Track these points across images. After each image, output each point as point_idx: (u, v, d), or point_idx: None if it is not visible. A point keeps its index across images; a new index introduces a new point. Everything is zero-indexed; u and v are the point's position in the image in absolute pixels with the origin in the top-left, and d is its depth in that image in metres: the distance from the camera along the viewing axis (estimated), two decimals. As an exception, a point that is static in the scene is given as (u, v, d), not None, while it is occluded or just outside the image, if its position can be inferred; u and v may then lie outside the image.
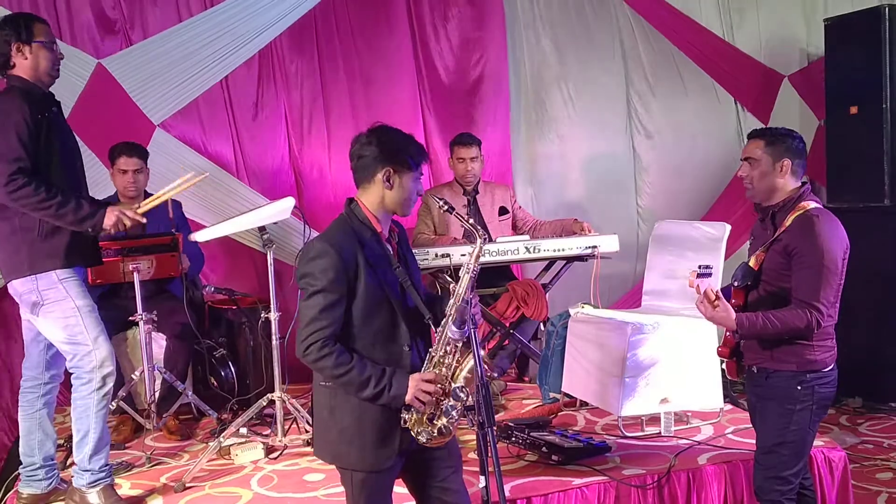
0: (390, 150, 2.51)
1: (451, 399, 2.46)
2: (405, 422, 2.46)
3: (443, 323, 2.50)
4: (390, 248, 2.57)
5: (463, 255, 4.44)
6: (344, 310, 2.45)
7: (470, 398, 2.44)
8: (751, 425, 3.19)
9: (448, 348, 2.48)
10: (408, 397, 2.42)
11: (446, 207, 2.56)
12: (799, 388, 2.88)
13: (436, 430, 2.47)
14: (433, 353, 2.50)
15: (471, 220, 2.56)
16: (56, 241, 3.21)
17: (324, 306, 2.41)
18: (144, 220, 3.34)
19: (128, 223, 3.27)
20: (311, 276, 2.43)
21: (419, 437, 2.46)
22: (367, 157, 2.51)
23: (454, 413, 2.47)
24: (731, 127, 6.24)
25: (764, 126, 3.11)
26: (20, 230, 3.18)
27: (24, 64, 3.22)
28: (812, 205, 2.90)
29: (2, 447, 4.72)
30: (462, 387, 2.46)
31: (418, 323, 2.54)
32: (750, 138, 3.06)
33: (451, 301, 2.48)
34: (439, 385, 2.46)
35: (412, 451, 2.54)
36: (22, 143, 3.08)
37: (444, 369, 2.49)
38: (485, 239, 2.54)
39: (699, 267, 2.87)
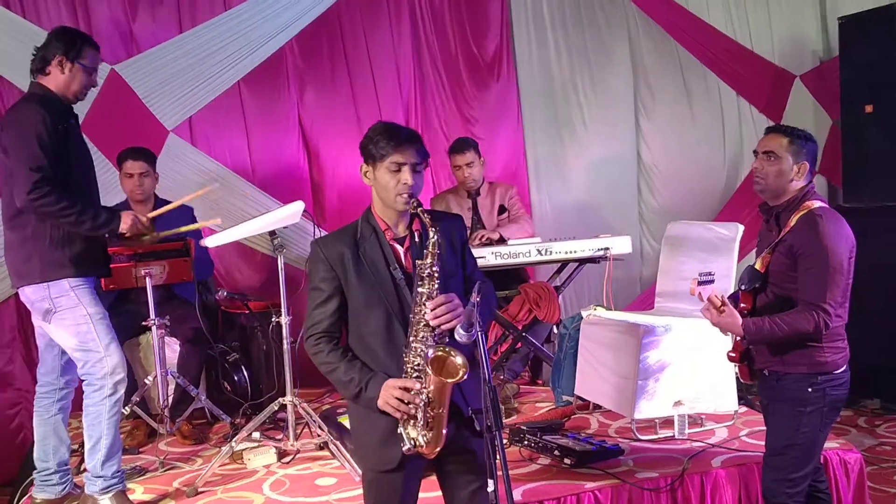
0: (363, 146, 2.51)
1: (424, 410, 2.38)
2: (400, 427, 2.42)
3: (411, 332, 2.42)
4: (399, 247, 2.52)
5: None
6: (338, 306, 2.49)
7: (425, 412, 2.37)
8: (765, 427, 3.16)
9: (420, 359, 2.38)
10: (379, 402, 2.40)
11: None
12: (810, 390, 2.84)
13: (420, 438, 2.39)
14: (406, 361, 2.41)
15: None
16: (67, 251, 3.24)
17: (316, 303, 2.51)
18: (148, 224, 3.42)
19: (144, 221, 3.36)
20: (308, 274, 2.55)
21: (402, 445, 2.40)
22: None
23: (420, 424, 2.38)
24: (734, 132, 6.21)
25: (798, 127, 3.04)
26: (32, 239, 3.22)
27: (59, 77, 3.27)
28: (817, 204, 2.86)
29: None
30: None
31: None
32: (770, 132, 2.98)
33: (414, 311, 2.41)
34: (416, 392, 2.37)
35: (438, 458, 2.49)
36: (44, 151, 3.12)
37: (423, 377, 2.39)
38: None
39: (699, 275, 2.84)
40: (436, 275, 2.38)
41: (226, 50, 5.15)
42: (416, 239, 2.50)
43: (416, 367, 2.39)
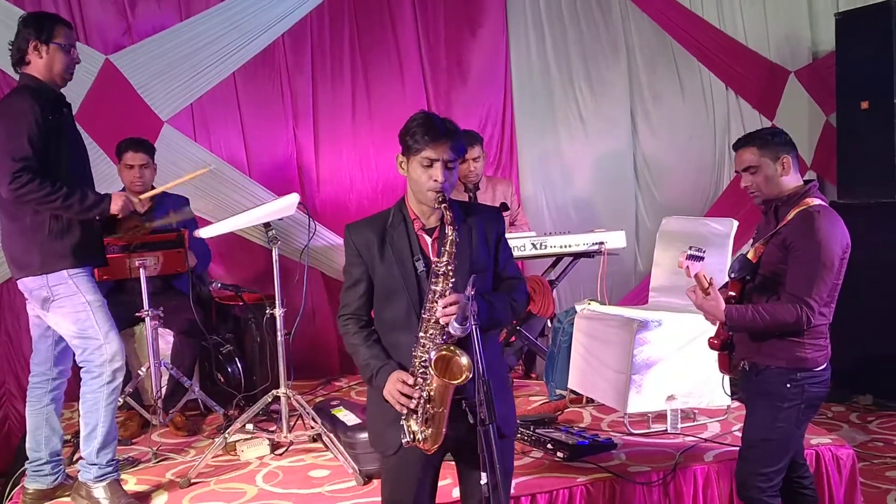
0: (401, 135, 2.49)
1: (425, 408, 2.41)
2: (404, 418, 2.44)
3: (422, 326, 2.42)
4: (427, 238, 2.51)
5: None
6: (366, 290, 2.54)
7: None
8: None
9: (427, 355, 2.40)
10: (384, 391, 2.43)
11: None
12: (788, 385, 2.85)
13: (418, 434, 2.42)
14: (415, 356, 2.42)
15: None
16: (66, 241, 3.22)
17: (346, 286, 2.57)
18: (142, 209, 3.42)
19: (136, 206, 3.35)
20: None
21: (402, 437, 2.42)
22: None
23: (419, 419, 2.41)
24: (723, 128, 6.23)
25: (758, 128, 3.05)
26: (30, 230, 3.20)
27: (38, 63, 3.24)
28: (816, 201, 2.86)
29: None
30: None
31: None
32: (739, 148, 2.97)
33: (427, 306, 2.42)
34: (418, 387, 2.39)
35: (457, 450, 2.51)
36: (31, 144, 3.09)
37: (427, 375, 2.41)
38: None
39: (689, 248, 2.80)
40: (450, 274, 2.39)
41: (222, 40, 5.14)
42: (447, 231, 2.46)
43: (423, 363, 2.40)
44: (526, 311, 4.80)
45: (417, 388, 2.39)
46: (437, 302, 2.38)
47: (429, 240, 2.51)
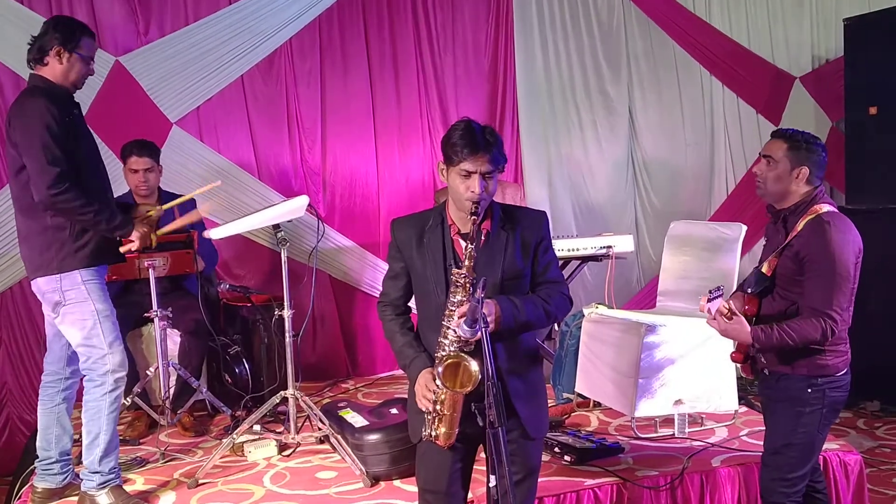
0: (442, 142, 2.54)
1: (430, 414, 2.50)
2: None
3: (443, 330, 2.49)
4: (462, 243, 2.54)
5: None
6: (405, 283, 2.66)
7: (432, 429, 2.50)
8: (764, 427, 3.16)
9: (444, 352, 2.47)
10: (415, 385, 2.52)
11: None
12: (809, 391, 2.85)
13: (431, 432, 2.49)
14: (437, 355, 2.49)
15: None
16: (86, 240, 3.25)
17: (387, 276, 2.70)
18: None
19: (152, 242, 3.44)
20: None
21: (423, 429, 2.51)
22: None
23: (432, 419, 2.50)
24: (722, 134, 6.20)
25: (802, 131, 3.03)
26: (52, 228, 3.22)
27: (56, 68, 3.26)
28: (825, 208, 2.85)
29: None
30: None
31: None
32: (773, 137, 2.97)
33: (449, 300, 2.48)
34: (440, 392, 2.45)
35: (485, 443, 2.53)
36: (58, 145, 3.12)
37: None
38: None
39: (710, 291, 2.85)
40: (468, 285, 2.43)
41: (231, 43, 5.16)
42: (483, 237, 2.52)
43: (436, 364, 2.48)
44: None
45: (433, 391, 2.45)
46: (454, 312, 2.43)
47: (463, 244, 2.55)
